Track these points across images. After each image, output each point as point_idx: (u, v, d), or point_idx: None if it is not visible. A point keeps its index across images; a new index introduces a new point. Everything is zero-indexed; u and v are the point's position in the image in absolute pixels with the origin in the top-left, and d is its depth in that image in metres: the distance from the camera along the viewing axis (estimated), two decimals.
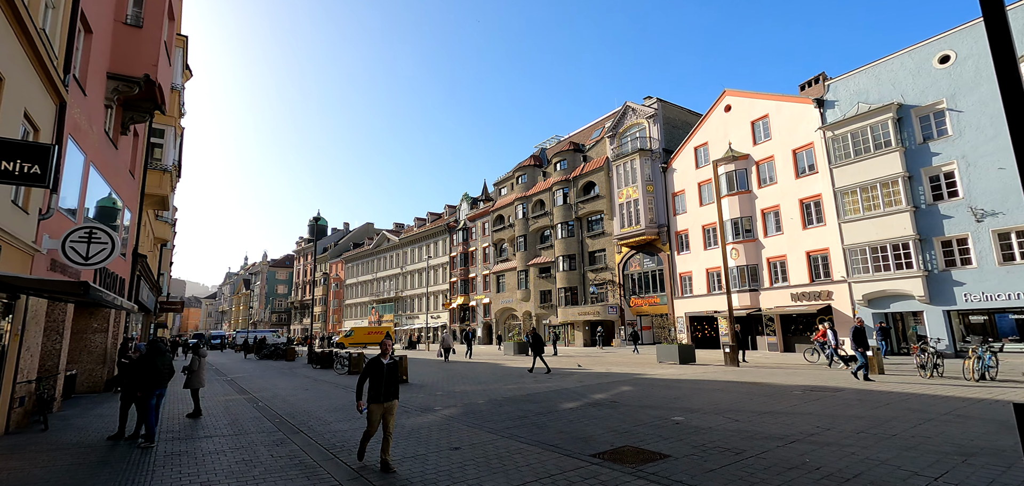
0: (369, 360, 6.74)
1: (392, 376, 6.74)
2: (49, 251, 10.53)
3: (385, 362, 6.72)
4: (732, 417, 9.30)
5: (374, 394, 6.58)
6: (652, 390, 13.42)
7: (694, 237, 34.35)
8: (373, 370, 6.63)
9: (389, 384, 6.67)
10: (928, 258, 22.80)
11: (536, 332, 21.99)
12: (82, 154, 12.48)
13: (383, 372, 6.65)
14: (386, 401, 6.62)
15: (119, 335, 17.93)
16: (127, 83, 14.56)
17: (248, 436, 9.15)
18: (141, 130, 18.91)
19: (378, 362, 6.68)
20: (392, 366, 6.78)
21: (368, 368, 6.66)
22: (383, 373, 6.64)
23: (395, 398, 6.73)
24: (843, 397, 11.19)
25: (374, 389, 6.60)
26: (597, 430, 8.65)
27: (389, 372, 6.71)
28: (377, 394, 6.58)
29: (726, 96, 33.14)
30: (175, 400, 14.28)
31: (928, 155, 23.04)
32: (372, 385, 6.62)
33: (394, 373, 6.78)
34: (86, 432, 9.74)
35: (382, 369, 6.66)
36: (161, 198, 21.49)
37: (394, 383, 6.73)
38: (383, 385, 6.61)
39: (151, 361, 8.80)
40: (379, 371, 6.64)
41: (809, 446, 7.03)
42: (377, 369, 6.64)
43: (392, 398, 6.68)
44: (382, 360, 6.71)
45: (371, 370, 6.64)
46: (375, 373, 6.63)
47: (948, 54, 22.67)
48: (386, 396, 6.62)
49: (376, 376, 6.62)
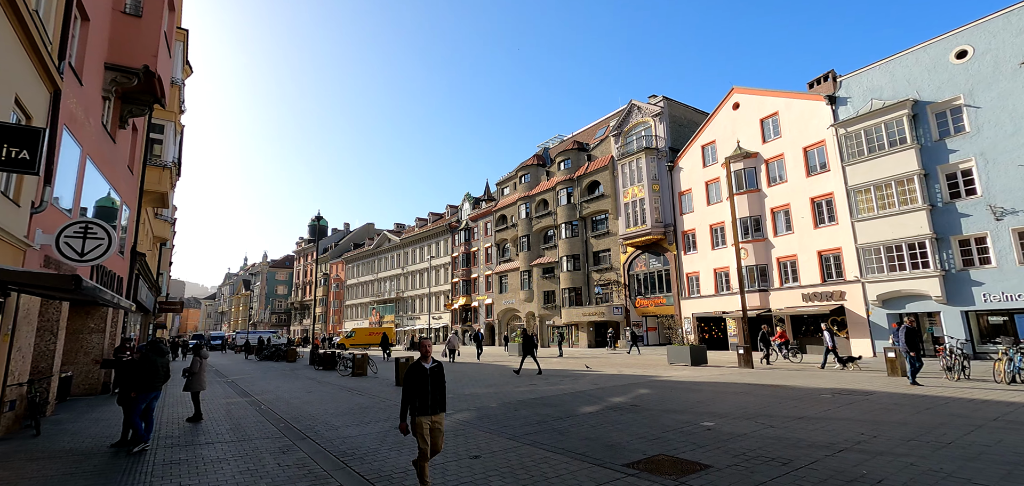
0: (409, 367, 5.69)
1: (438, 383, 5.71)
2: (42, 247, 10.00)
3: (427, 367, 5.69)
4: (765, 422, 8.77)
5: (420, 406, 5.56)
6: (672, 393, 12.90)
7: (701, 237, 33.83)
8: (415, 378, 5.63)
9: (436, 392, 5.65)
10: (945, 257, 22.29)
11: (526, 332, 21.73)
12: (78, 146, 11.95)
13: (426, 379, 5.62)
14: (434, 413, 5.60)
15: (117, 335, 17.39)
16: (125, 74, 14.04)
17: (252, 442, 8.62)
18: (140, 124, 18.39)
19: (419, 368, 5.67)
20: (436, 371, 5.74)
21: (409, 376, 5.64)
22: (427, 380, 5.62)
23: (443, 410, 5.70)
24: (876, 401, 10.67)
25: (419, 399, 5.57)
26: (623, 437, 8.13)
27: (434, 378, 5.69)
28: (424, 405, 5.56)
29: (734, 93, 32.64)
30: (175, 403, 13.75)
31: (945, 152, 22.54)
32: (417, 395, 5.57)
33: (440, 379, 5.75)
34: (80, 437, 9.20)
35: (425, 375, 5.64)
36: (160, 195, 20.96)
37: (441, 391, 5.71)
38: (429, 394, 5.59)
39: (149, 361, 8.28)
40: (421, 378, 5.63)
41: (861, 455, 6.51)
42: (419, 376, 5.64)
43: (440, 410, 5.66)
44: (423, 365, 5.69)
45: (413, 378, 5.62)
46: (418, 381, 5.61)
47: (965, 49, 22.18)
48: (433, 407, 5.60)
49: (419, 384, 5.59)
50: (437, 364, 5.80)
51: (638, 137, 39.14)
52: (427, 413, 5.56)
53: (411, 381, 5.59)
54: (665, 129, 37.68)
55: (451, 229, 61.35)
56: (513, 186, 53.97)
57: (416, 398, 5.55)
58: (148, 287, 25.67)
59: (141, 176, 18.76)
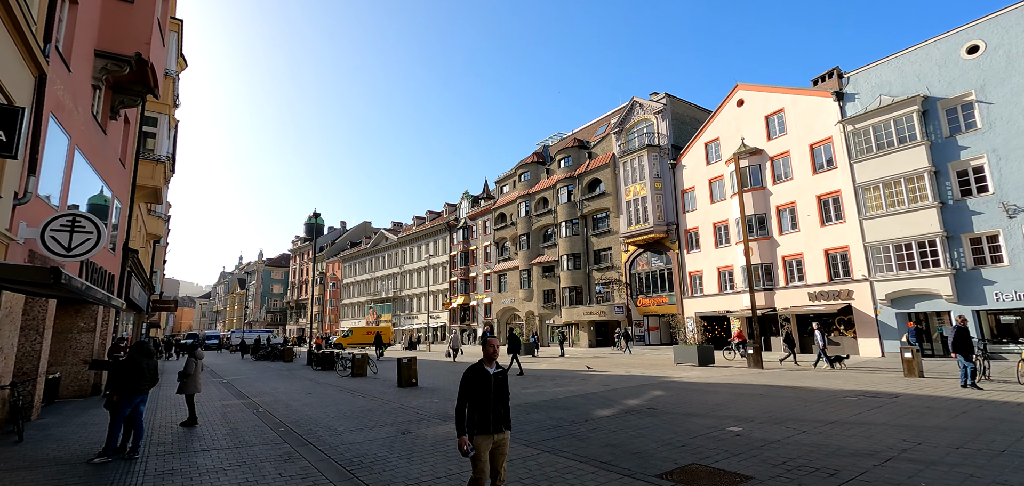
0: (468, 370, 4.49)
1: (503, 394, 4.53)
2: (26, 241, 9.40)
3: (491, 372, 4.50)
4: (795, 427, 8.29)
5: (480, 422, 4.34)
6: (688, 395, 12.41)
7: (705, 235, 33.41)
8: (476, 385, 4.41)
9: (499, 404, 4.46)
10: (956, 256, 21.91)
11: (513, 332, 21.42)
12: (66, 136, 11.35)
13: (490, 388, 4.42)
14: (497, 432, 4.40)
15: (108, 335, 16.76)
16: (116, 62, 13.42)
17: (250, 449, 8.07)
18: (132, 116, 17.76)
19: (481, 373, 4.46)
20: (501, 379, 4.54)
21: (469, 382, 4.44)
22: (490, 389, 4.42)
23: (508, 427, 4.51)
24: (906, 404, 10.21)
25: (480, 413, 4.35)
26: (648, 443, 7.62)
27: (498, 388, 4.49)
28: (484, 421, 4.34)
29: (739, 90, 32.22)
30: (168, 406, 13.17)
31: (956, 149, 22.16)
32: (477, 408, 4.36)
33: (505, 389, 4.56)
34: (66, 444, 8.62)
35: (488, 384, 4.42)
36: (154, 190, 20.31)
37: (505, 402, 4.53)
38: (491, 407, 4.39)
39: (135, 363, 7.72)
40: (484, 386, 4.40)
41: (912, 465, 6.03)
42: (482, 383, 4.41)
43: (504, 427, 4.47)
44: (486, 369, 4.50)
45: (473, 384, 4.42)
46: (479, 389, 4.39)
47: (977, 44, 21.80)
48: (496, 424, 4.41)
49: (481, 394, 4.38)
50: (501, 370, 4.61)
51: (640, 134, 38.67)
52: (488, 431, 4.35)
53: (471, 390, 4.40)
54: (668, 126, 37.23)
55: (449, 227, 60.76)
56: (512, 184, 53.44)
57: (476, 411, 4.36)
58: (141, 285, 25.00)
59: (133, 170, 18.12)
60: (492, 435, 4.39)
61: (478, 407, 4.36)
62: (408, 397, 13.63)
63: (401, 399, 13.28)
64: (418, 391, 14.91)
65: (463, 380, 4.49)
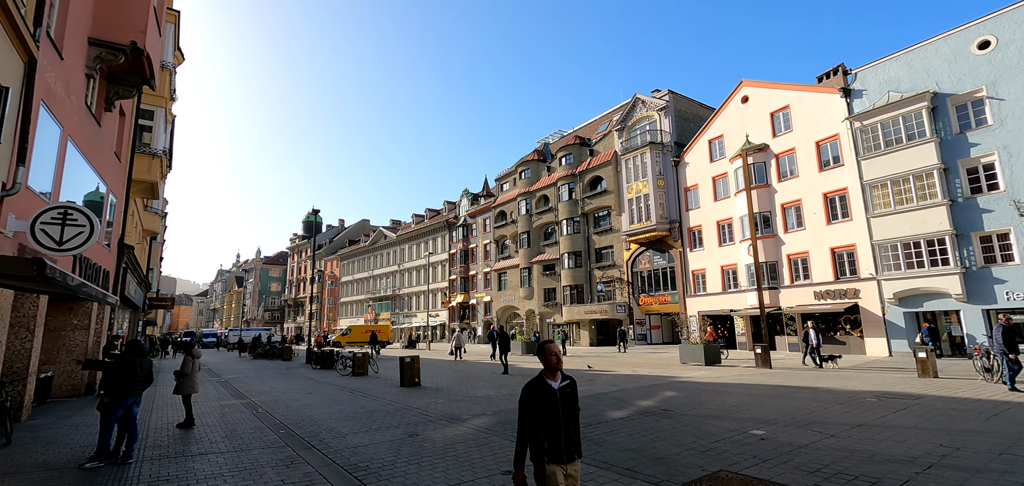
0: (527, 388, 3.59)
1: (572, 411, 3.64)
2: (15, 234, 8.97)
3: (555, 386, 3.61)
4: (822, 431, 7.94)
5: (550, 447, 3.46)
6: (701, 396, 12.06)
7: (708, 233, 33.07)
8: (539, 401, 3.54)
9: (569, 425, 3.58)
10: (966, 254, 21.60)
11: (502, 330, 21.14)
12: (58, 126, 10.92)
13: (557, 404, 3.55)
14: (569, 460, 3.52)
15: (103, 333, 16.32)
16: (111, 50, 12.98)
17: (250, 453, 7.68)
18: (128, 108, 17.31)
19: (543, 387, 3.58)
20: (570, 393, 3.67)
21: (531, 402, 3.54)
22: (557, 406, 3.55)
23: (580, 454, 3.62)
24: (930, 406, 9.87)
25: (547, 436, 3.48)
26: (669, 447, 7.26)
27: (567, 404, 3.61)
28: (555, 446, 3.47)
29: (743, 87, 31.88)
30: (164, 406, 12.77)
31: (966, 146, 21.84)
32: (543, 429, 3.49)
33: (574, 406, 3.68)
34: (56, 447, 8.22)
35: (553, 400, 3.56)
36: (150, 185, 19.86)
37: (576, 423, 3.65)
38: (561, 429, 3.51)
39: (127, 362, 7.32)
40: (549, 403, 3.54)
41: (957, 472, 5.68)
42: (545, 399, 3.54)
43: (576, 454, 3.57)
44: (549, 383, 3.61)
45: (536, 404, 3.53)
46: (543, 406, 3.52)
47: (988, 39, 21.48)
48: (568, 450, 3.52)
49: (547, 412, 3.51)
50: (569, 380, 3.72)
51: (642, 132, 38.31)
52: (560, 459, 3.46)
53: (533, 407, 3.52)
54: (671, 123, 36.86)
55: (449, 225, 60.35)
56: (513, 182, 53.03)
57: (542, 433, 3.47)
58: (137, 282, 24.55)
59: (129, 163, 17.69)
60: (564, 464, 3.47)
61: (545, 428, 3.47)
62: (412, 397, 13.25)
63: (405, 399, 12.90)
64: (422, 391, 14.53)
65: (523, 400, 3.58)
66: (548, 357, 3.66)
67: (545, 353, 3.69)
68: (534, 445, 3.50)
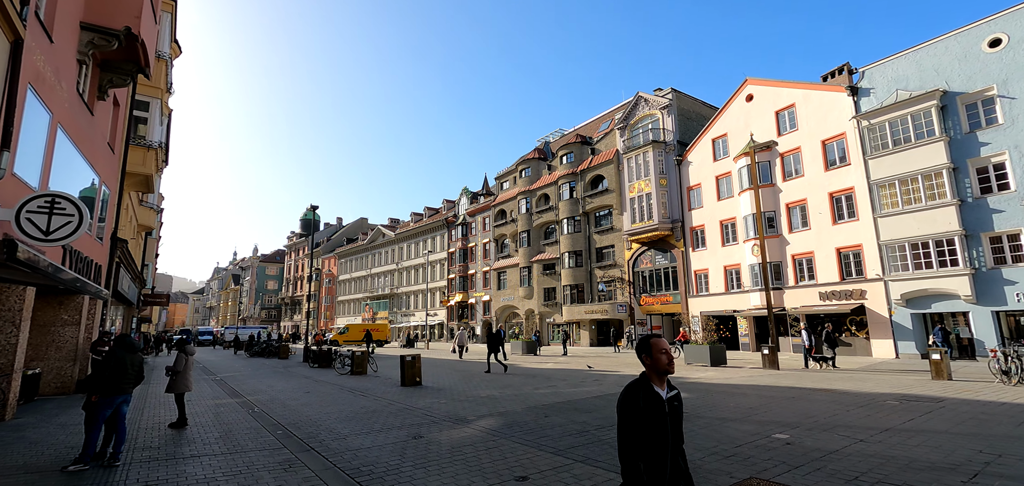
0: (630, 393, 2.82)
1: (679, 431, 2.86)
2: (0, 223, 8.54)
3: (664, 395, 2.83)
4: (849, 435, 7.55)
5: (656, 470, 2.70)
6: (715, 398, 11.67)
7: (711, 233, 32.71)
8: (646, 415, 2.74)
9: (676, 449, 2.81)
10: (975, 255, 21.28)
11: (490, 328, 20.80)
12: (48, 112, 10.46)
13: (665, 422, 2.78)
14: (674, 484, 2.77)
15: (95, 328, 15.84)
16: (104, 36, 12.52)
17: (246, 456, 7.25)
18: (123, 98, 16.83)
19: (650, 396, 2.79)
20: (678, 407, 2.89)
21: (636, 411, 2.75)
22: (666, 424, 2.77)
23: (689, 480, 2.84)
24: (955, 408, 9.49)
25: (652, 461, 2.71)
26: (691, 452, 6.84)
27: (675, 422, 2.84)
28: (659, 470, 2.70)
29: (748, 85, 31.53)
30: (156, 404, 12.31)
31: (976, 145, 21.52)
32: (647, 452, 2.72)
33: (679, 421, 2.88)
34: (40, 447, 7.78)
35: (663, 415, 2.78)
36: (145, 178, 19.37)
37: (680, 442, 2.85)
38: (668, 452, 2.75)
39: (116, 359, 6.88)
40: (657, 417, 2.76)
41: (1006, 481, 5.29)
42: (655, 414, 2.76)
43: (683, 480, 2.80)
44: (656, 391, 2.82)
45: (641, 416, 2.74)
46: (651, 421, 2.74)
47: (999, 37, 21.16)
48: (674, 475, 2.75)
49: (655, 430, 2.74)
50: (676, 391, 2.92)
51: (645, 130, 37.93)
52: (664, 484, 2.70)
53: (638, 421, 2.72)
54: (673, 122, 36.50)
55: (448, 224, 59.90)
56: (513, 180, 52.61)
57: (641, 458, 2.70)
58: (131, 278, 24.06)
59: (123, 155, 17.21)
60: None
61: (652, 446, 2.67)
62: (414, 397, 12.83)
63: (407, 399, 12.48)
64: (424, 390, 14.10)
65: (625, 407, 2.76)
66: (657, 356, 2.82)
67: (653, 350, 2.81)
68: (630, 473, 2.70)
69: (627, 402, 2.77)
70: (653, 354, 2.85)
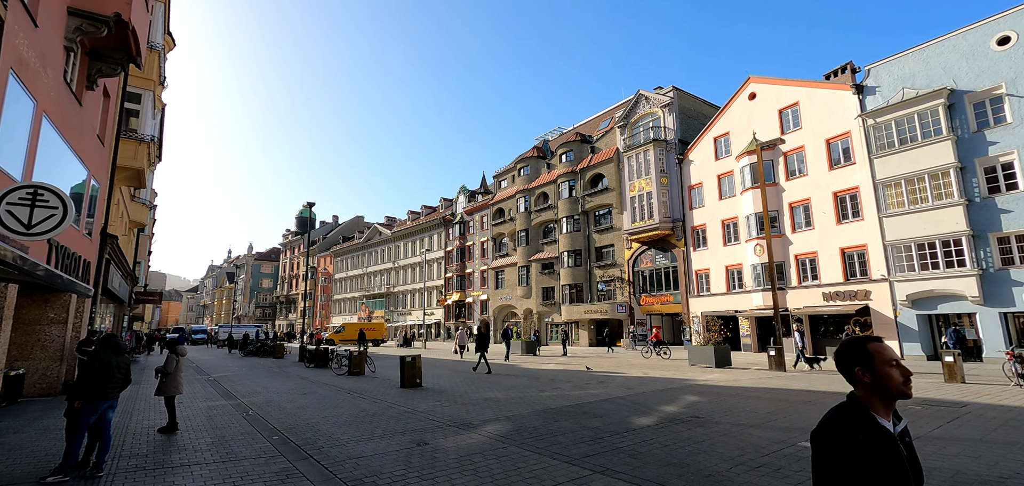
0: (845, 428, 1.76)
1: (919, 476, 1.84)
2: None
3: (893, 429, 1.82)
4: None
5: None
6: (727, 401, 11.27)
7: (712, 232, 32.38)
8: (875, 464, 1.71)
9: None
10: (983, 256, 21.00)
11: (480, 329, 20.45)
12: (32, 100, 9.94)
13: (903, 468, 1.74)
14: None
15: (83, 327, 15.29)
16: (92, 22, 12.00)
17: (239, 464, 6.78)
18: (113, 89, 16.29)
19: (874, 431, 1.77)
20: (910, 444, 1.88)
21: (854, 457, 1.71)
22: (904, 471, 1.74)
23: None
24: (981, 414, 9.13)
25: None
26: (716, 462, 6.43)
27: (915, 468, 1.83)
28: None
29: (751, 83, 31.19)
30: (145, 407, 11.80)
31: (983, 144, 21.24)
32: None
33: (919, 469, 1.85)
34: (19, 455, 7.28)
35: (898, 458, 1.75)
36: (137, 172, 18.80)
37: None
38: None
39: (102, 361, 6.40)
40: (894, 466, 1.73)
41: None
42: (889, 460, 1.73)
43: None
44: (883, 424, 1.79)
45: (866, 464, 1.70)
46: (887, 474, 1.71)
47: (1008, 35, 20.89)
48: None
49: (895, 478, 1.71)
50: (903, 423, 1.91)
51: (645, 129, 37.57)
52: None
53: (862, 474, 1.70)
54: (674, 121, 36.13)
55: (445, 222, 59.39)
56: (511, 179, 52.17)
57: None
58: (122, 275, 23.46)
59: (114, 148, 16.66)
60: None
61: None
62: (415, 400, 12.37)
63: (408, 402, 12.02)
64: (425, 392, 13.65)
65: (838, 452, 1.74)
66: (885, 371, 1.83)
67: (875, 361, 1.85)
68: None
69: (841, 443, 1.75)
70: (877, 367, 1.83)
